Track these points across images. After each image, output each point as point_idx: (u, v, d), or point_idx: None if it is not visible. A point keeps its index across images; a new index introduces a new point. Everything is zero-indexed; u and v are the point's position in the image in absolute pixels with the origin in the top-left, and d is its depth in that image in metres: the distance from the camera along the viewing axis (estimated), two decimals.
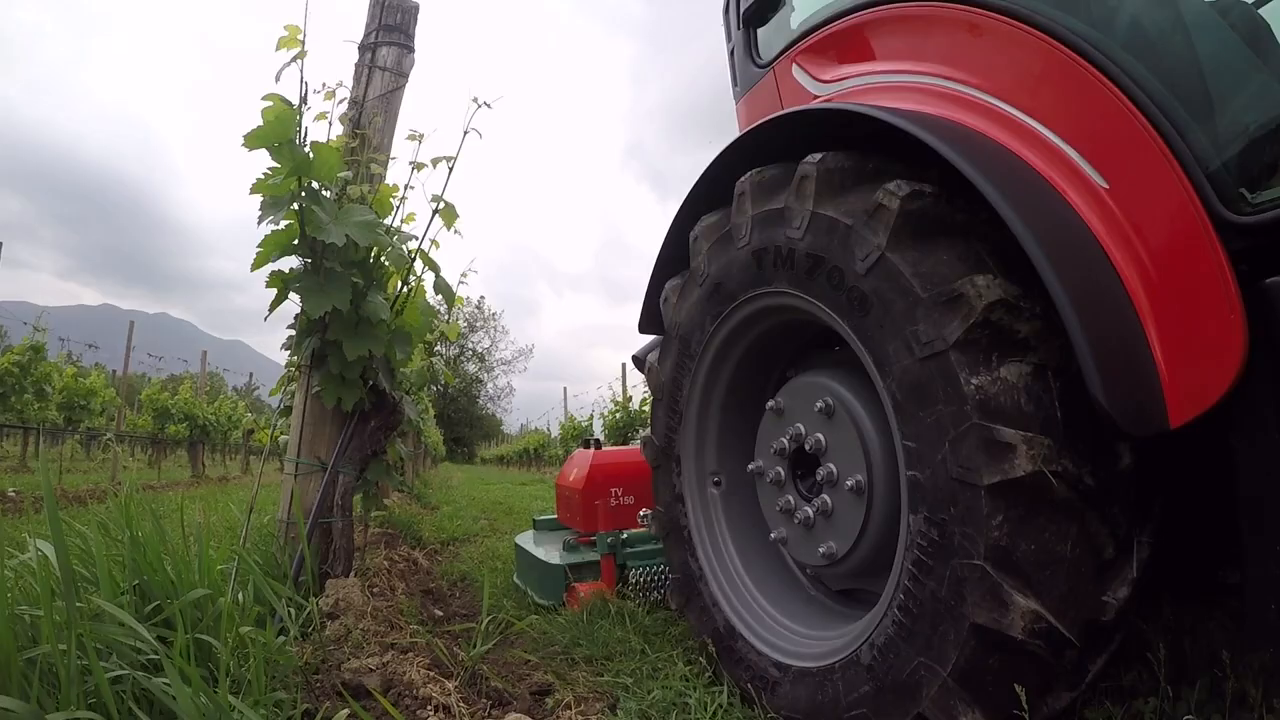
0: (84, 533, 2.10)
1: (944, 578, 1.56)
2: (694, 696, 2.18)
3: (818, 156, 1.92)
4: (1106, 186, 1.60)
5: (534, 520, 4.81)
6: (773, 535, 2.29)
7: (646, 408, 15.24)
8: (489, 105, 2.88)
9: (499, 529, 7.23)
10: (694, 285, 2.38)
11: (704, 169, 2.41)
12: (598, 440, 4.53)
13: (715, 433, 2.57)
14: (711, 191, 2.43)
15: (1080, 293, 1.45)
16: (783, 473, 2.24)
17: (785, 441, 2.21)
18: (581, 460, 4.32)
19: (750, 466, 2.38)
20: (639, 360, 3.40)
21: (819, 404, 2.06)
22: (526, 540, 4.33)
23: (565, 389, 23.65)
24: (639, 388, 16.26)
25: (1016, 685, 1.50)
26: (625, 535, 3.58)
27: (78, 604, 1.51)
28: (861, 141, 1.95)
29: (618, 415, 15.55)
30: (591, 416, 20.30)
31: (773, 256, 2.04)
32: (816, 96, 2.50)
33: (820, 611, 2.32)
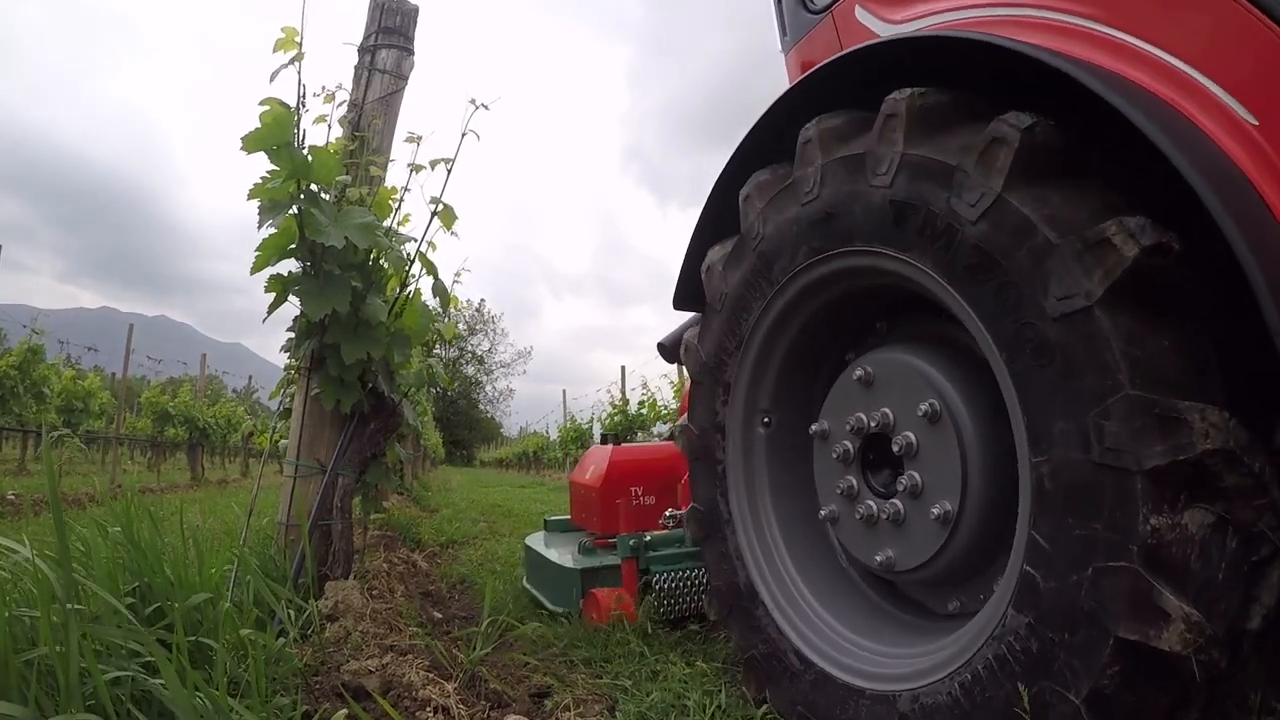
0: (84, 534, 2.10)
1: (1080, 586, 1.32)
2: (693, 698, 2.18)
3: (906, 91, 1.66)
4: (1256, 124, 1.42)
5: (545, 521, 4.54)
6: (822, 512, 2.06)
7: (645, 410, 15.24)
8: (486, 107, 2.89)
9: (498, 531, 7.23)
10: (746, 250, 2.10)
11: (755, 121, 2.17)
12: (616, 436, 4.31)
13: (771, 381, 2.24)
14: (758, 149, 2.19)
15: (1254, 238, 1.26)
16: (852, 451, 1.96)
17: (866, 421, 1.91)
18: (599, 457, 4.03)
19: (813, 428, 2.08)
20: (665, 348, 3.19)
21: (923, 406, 1.75)
22: (537, 542, 4.05)
23: (565, 391, 23.70)
24: (637, 391, 16.28)
25: (1155, 707, 1.29)
26: (648, 537, 3.28)
27: (77, 606, 1.51)
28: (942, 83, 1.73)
29: (616, 418, 15.55)
30: (592, 419, 20.34)
31: (849, 208, 1.78)
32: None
33: (862, 606, 2.11)
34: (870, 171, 1.72)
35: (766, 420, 2.25)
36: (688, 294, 2.50)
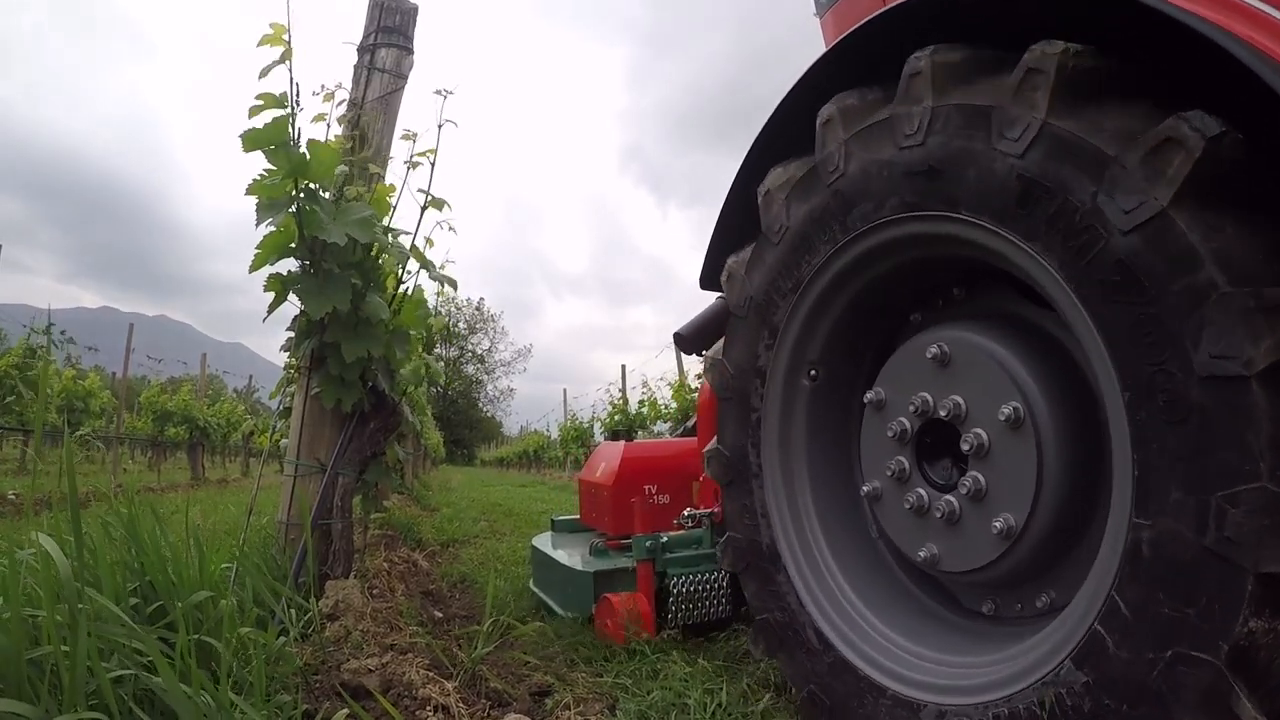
0: (89, 533, 2.10)
1: (1154, 666, 1.22)
2: (694, 697, 2.17)
3: (1056, 45, 1.44)
4: None
5: (552, 521, 4.38)
6: (865, 488, 1.90)
7: (645, 409, 15.24)
8: (450, 93, 2.97)
9: (499, 531, 7.23)
10: (819, 183, 1.86)
11: (776, 107, 2.00)
12: (626, 432, 4.18)
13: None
14: (775, 145, 2.05)
15: None
16: (910, 431, 1.79)
17: (933, 405, 1.73)
18: (610, 454, 3.84)
19: (868, 395, 1.90)
20: (684, 339, 3.08)
21: (1006, 410, 1.57)
22: (544, 543, 3.89)
23: (565, 390, 23.71)
24: (637, 390, 16.28)
25: None
26: (665, 539, 3.10)
27: (80, 605, 1.51)
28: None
29: (616, 418, 15.56)
30: (592, 418, 20.34)
31: (961, 168, 1.57)
32: None
33: (893, 592, 1.98)
34: (997, 133, 1.47)
35: (813, 373, 2.04)
36: (713, 276, 2.27)
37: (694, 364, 13.30)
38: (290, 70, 2.63)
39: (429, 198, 3.06)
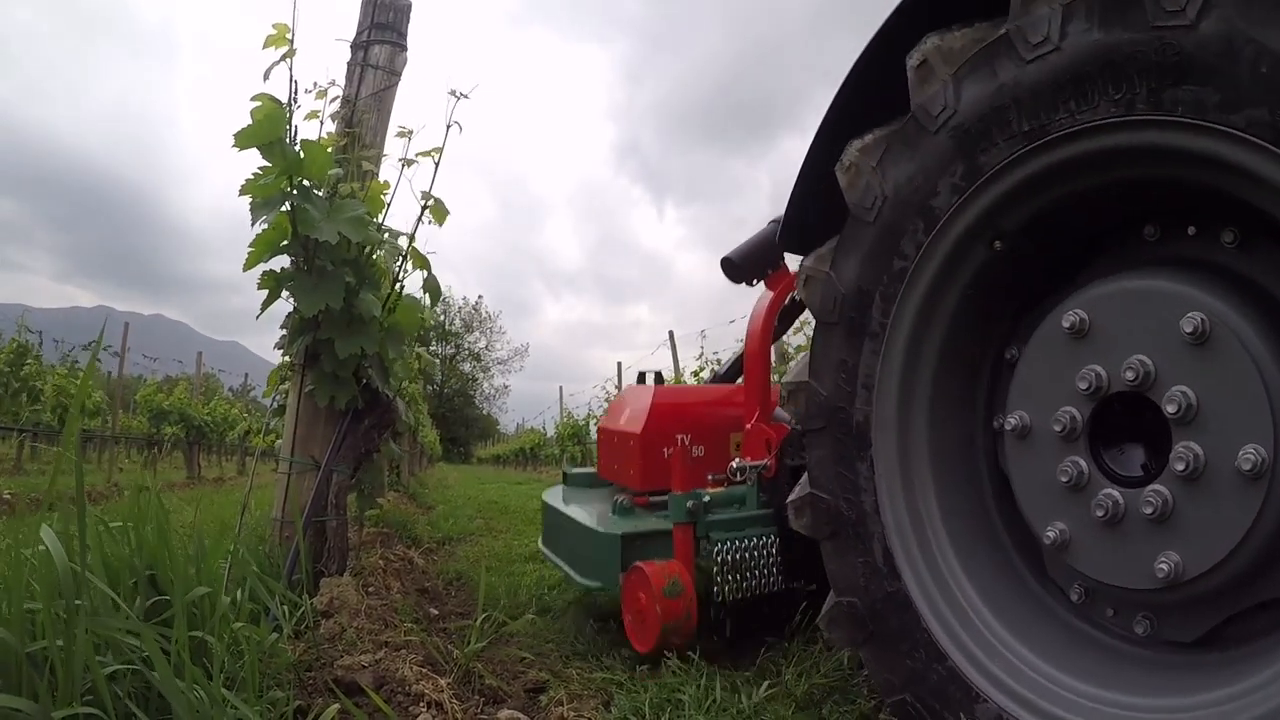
0: (90, 530, 2.09)
1: None
2: (688, 693, 2.18)
3: None
4: None
5: (565, 473, 3.88)
6: (1049, 534, 1.50)
7: None
8: (466, 96, 2.91)
9: (495, 529, 7.23)
10: (921, 132, 1.58)
11: (856, 58, 1.72)
12: (659, 374, 3.48)
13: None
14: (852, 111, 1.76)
15: None
16: (1079, 420, 1.47)
17: (1105, 378, 1.41)
18: (638, 399, 3.33)
19: (1008, 421, 1.60)
20: (733, 264, 2.81)
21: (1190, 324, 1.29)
22: (556, 498, 3.45)
23: (561, 388, 23.70)
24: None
25: None
26: (707, 497, 2.64)
27: (78, 601, 1.51)
28: None
29: None
30: (588, 416, 20.31)
31: (1007, 103, 1.40)
32: None
33: (1033, 605, 1.65)
34: (1020, 50, 1.34)
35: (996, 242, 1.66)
36: (802, 224, 1.96)
37: (689, 362, 13.28)
38: (290, 69, 2.64)
39: (430, 200, 3.05)
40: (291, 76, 2.65)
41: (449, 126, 2.97)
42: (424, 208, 3.06)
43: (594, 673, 2.48)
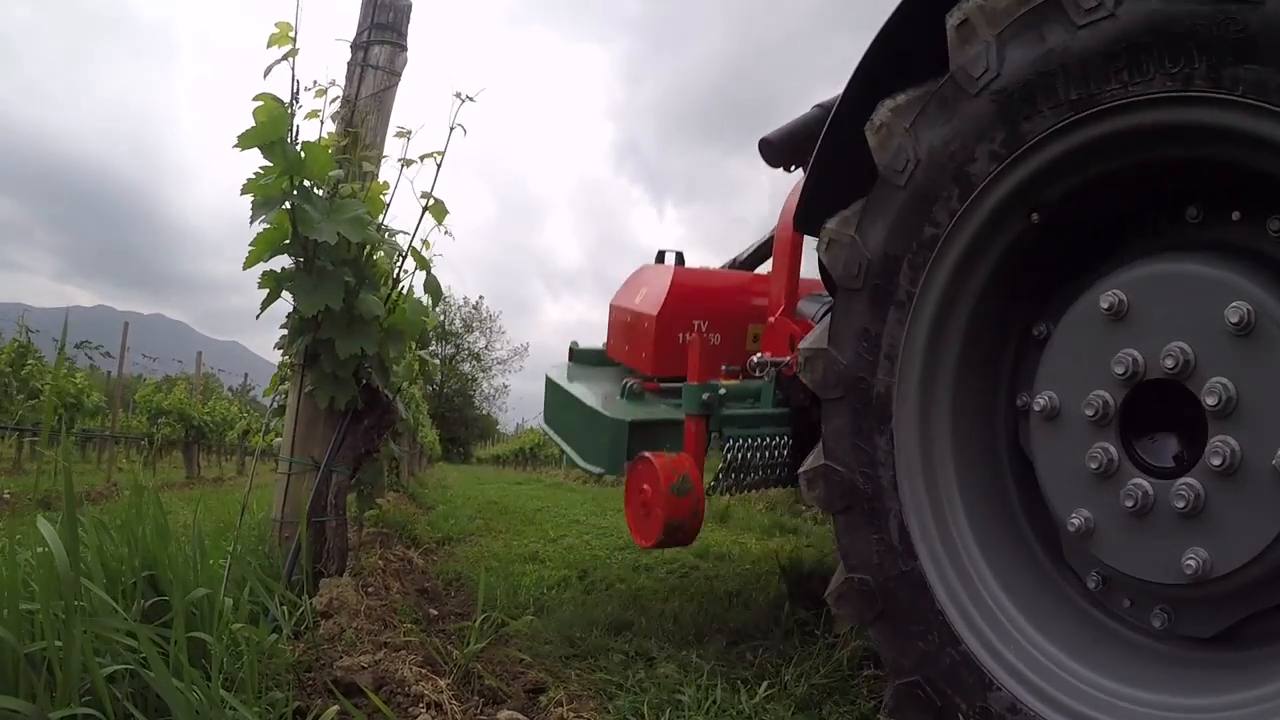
0: (88, 529, 2.10)
1: None
2: (687, 694, 2.18)
3: None
4: None
5: (572, 349, 3.65)
6: (1073, 522, 1.45)
7: None
8: (472, 99, 2.89)
9: (494, 529, 7.24)
10: (960, 95, 1.49)
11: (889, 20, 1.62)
12: (680, 254, 3.26)
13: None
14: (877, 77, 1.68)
15: None
16: (1112, 405, 1.41)
17: (1141, 363, 1.35)
18: (656, 278, 3.14)
19: (1037, 400, 1.53)
20: (771, 145, 2.57)
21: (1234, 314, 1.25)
22: (562, 376, 3.31)
23: None
24: None
25: None
26: (723, 390, 2.52)
27: (77, 602, 1.51)
28: None
29: None
30: None
31: (1054, 69, 1.34)
32: None
33: (1038, 579, 1.61)
34: (1072, 14, 1.29)
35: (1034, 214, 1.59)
36: (822, 201, 1.82)
37: None
38: (293, 68, 2.64)
39: (431, 200, 3.05)
40: (294, 76, 2.65)
41: (452, 129, 2.95)
42: (424, 209, 3.06)
43: (593, 673, 2.48)
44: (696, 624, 2.95)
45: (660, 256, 3.31)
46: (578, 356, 3.60)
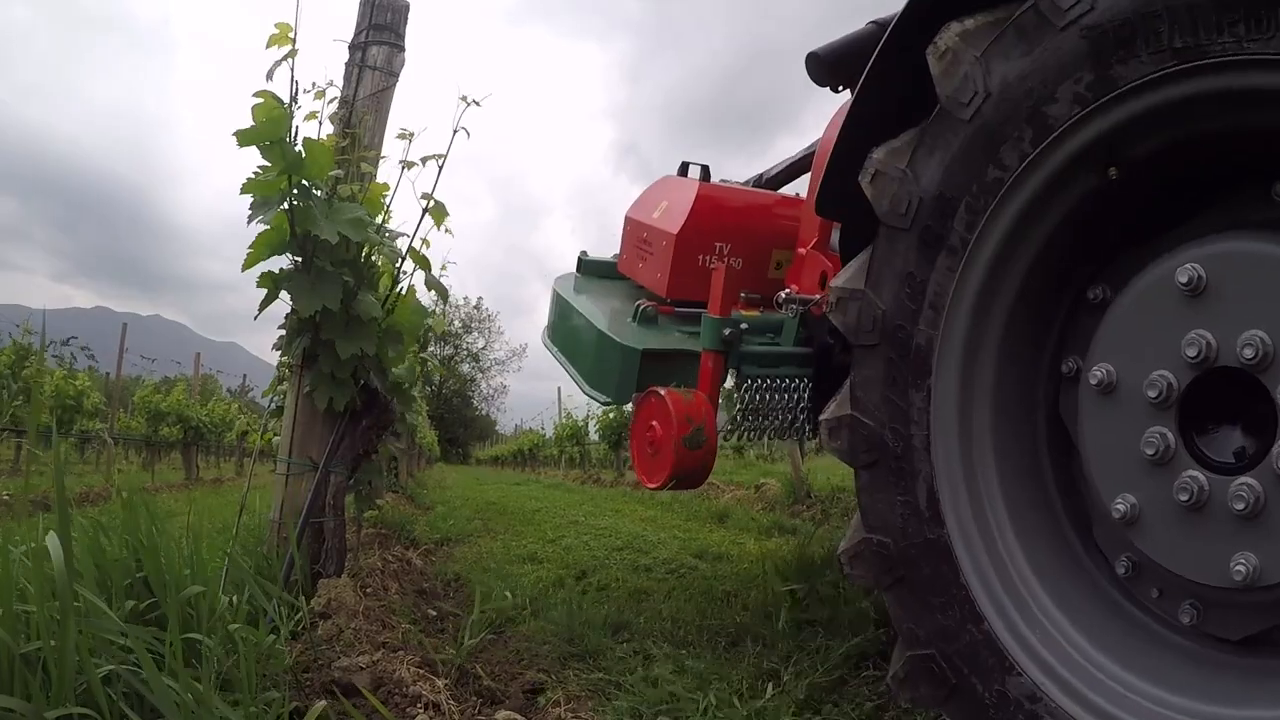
0: (84, 529, 2.09)
1: None
2: (686, 694, 2.18)
3: None
4: None
5: (580, 259, 3.37)
6: (1118, 507, 1.34)
7: None
8: (478, 104, 2.87)
9: (493, 529, 7.23)
10: (1045, 25, 1.33)
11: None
12: (705, 168, 2.98)
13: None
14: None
15: None
16: (1175, 388, 1.29)
17: (1214, 347, 1.24)
18: (678, 192, 2.87)
19: (1093, 373, 1.40)
20: (820, 60, 2.32)
21: None
22: (568, 288, 3.07)
23: (560, 389, 23.66)
24: None
25: None
26: (745, 324, 2.33)
27: (75, 603, 1.50)
28: None
29: (610, 415, 15.58)
30: (587, 416, 20.32)
31: (1159, 10, 1.19)
32: None
33: (1067, 561, 1.51)
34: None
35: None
36: (869, 126, 1.64)
37: None
38: (292, 69, 2.64)
39: (431, 202, 3.04)
40: (293, 77, 2.65)
41: (455, 132, 2.93)
42: (425, 210, 3.05)
43: (592, 674, 2.48)
44: (695, 624, 2.95)
45: (684, 169, 3.02)
46: (586, 267, 3.33)
